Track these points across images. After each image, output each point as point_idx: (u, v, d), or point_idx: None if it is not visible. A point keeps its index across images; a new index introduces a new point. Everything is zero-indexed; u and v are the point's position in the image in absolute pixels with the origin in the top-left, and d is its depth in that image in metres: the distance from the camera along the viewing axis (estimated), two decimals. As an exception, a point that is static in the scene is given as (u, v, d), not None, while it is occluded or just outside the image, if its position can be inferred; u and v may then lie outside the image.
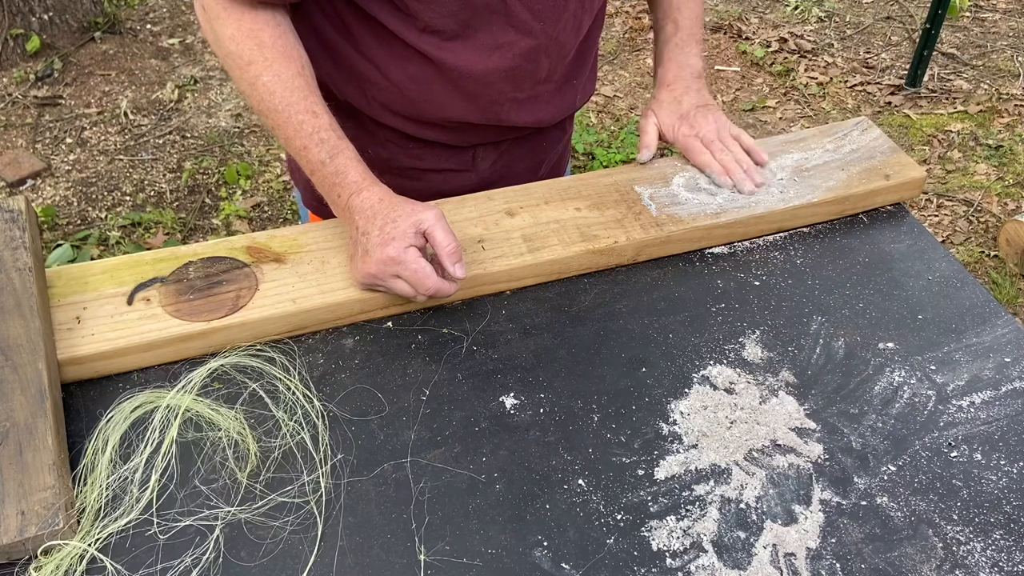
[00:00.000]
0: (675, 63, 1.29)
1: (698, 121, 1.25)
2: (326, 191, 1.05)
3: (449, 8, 1.05)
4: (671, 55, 1.30)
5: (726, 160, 1.22)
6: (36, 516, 0.79)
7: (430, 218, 0.99)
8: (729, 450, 0.93)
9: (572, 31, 1.16)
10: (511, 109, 1.19)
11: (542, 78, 1.18)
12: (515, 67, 1.13)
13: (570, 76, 1.24)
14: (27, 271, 0.97)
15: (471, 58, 1.10)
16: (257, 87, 1.03)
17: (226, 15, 1.03)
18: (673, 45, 1.30)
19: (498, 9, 1.07)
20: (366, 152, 1.21)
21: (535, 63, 1.15)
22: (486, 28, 1.09)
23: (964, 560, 0.84)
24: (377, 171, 1.08)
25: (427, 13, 1.05)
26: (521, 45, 1.11)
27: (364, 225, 1.00)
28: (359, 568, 0.81)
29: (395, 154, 1.24)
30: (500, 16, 1.08)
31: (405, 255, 0.98)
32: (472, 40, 1.09)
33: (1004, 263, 2.91)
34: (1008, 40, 4.01)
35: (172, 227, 2.94)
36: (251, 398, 0.95)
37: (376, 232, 0.99)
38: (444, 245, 0.99)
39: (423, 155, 1.25)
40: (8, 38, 3.55)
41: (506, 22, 1.09)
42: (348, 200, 1.02)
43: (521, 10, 1.08)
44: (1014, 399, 1.00)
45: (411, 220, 0.99)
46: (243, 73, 1.04)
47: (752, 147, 1.25)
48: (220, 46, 1.06)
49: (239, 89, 1.08)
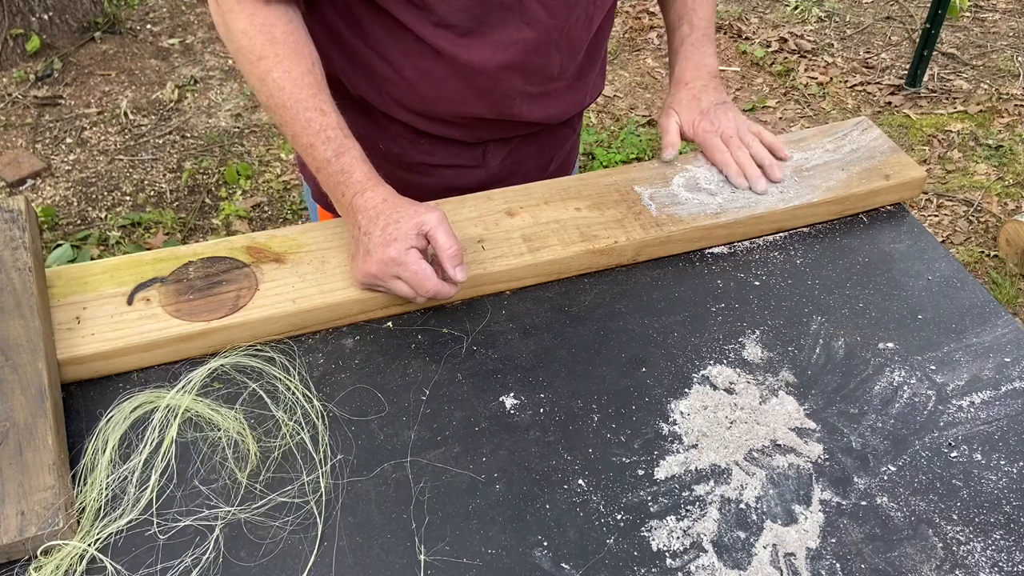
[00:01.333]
0: (692, 63, 1.31)
1: (718, 117, 1.26)
2: (330, 189, 1.06)
3: (463, 3, 1.06)
4: (688, 55, 1.31)
5: (742, 158, 1.23)
6: (36, 516, 0.79)
7: (432, 220, 1.00)
8: (729, 450, 0.93)
9: (583, 26, 1.17)
10: (523, 104, 1.19)
11: (554, 74, 1.19)
12: (526, 61, 1.14)
13: (581, 72, 1.25)
14: (27, 271, 0.97)
15: (484, 53, 1.11)
16: (267, 83, 1.04)
17: (239, 8, 1.03)
18: (689, 45, 1.31)
19: (512, 5, 1.08)
20: (377, 147, 1.21)
21: (546, 57, 1.15)
22: (500, 23, 1.09)
23: (964, 560, 0.84)
24: (388, 166, 1.08)
25: (442, 8, 1.06)
26: (532, 39, 1.12)
27: (366, 225, 1.01)
28: (359, 568, 0.81)
29: (406, 149, 1.25)
30: (514, 12, 1.09)
31: (406, 256, 0.98)
32: (486, 35, 1.10)
33: (1004, 263, 2.91)
34: (1008, 40, 4.01)
35: (172, 227, 2.94)
36: (251, 398, 0.95)
37: (378, 232, 0.99)
38: (445, 248, 0.99)
39: (434, 151, 1.25)
40: (8, 38, 3.55)
41: (519, 17, 1.09)
42: (352, 199, 1.03)
43: (534, 4, 1.09)
44: (1014, 399, 1.00)
45: (413, 221, 0.99)
46: (253, 68, 1.04)
47: (773, 143, 1.26)
48: (231, 40, 1.06)
49: (249, 83, 1.08)
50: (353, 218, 1.03)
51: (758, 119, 3.57)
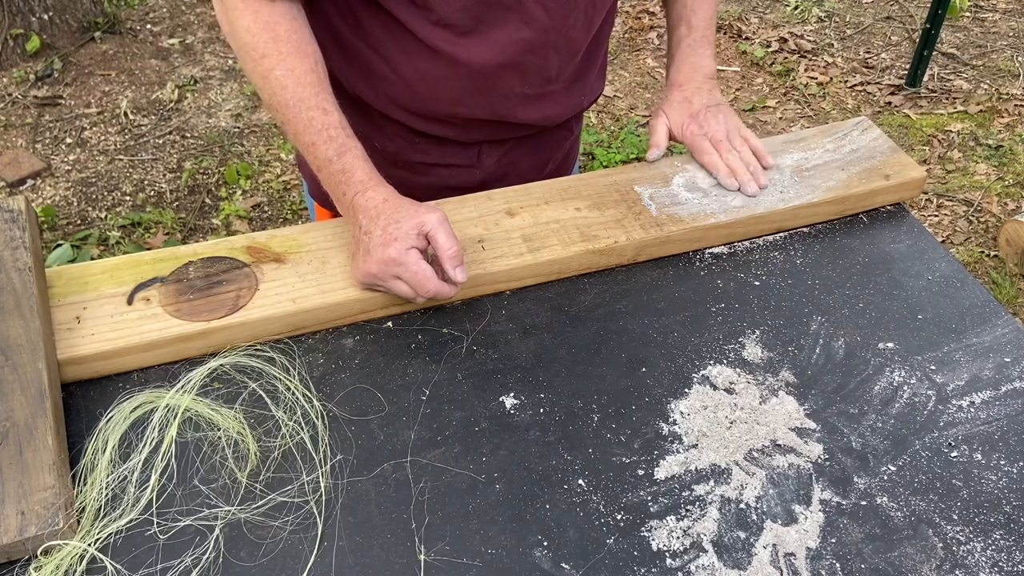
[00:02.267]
0: (688, 64, 1.30)
1: (708, 120, 1.25)
2: (331, 188, 1.06)
3: (464, 2, 1.06)
4: (684, 56, 1.31)
5: (733, 161, 1.22)
6: (36, 516, 0.79)
7: (433, 220, 0.99)
8: (729, 450, 0.93)
9: (582, 27, 1.17)
10: (519, 105, 1.19)
11: (552, 76, 1.19)
12: (524, 62, 1.14)
13: (579, 75, 1.25)
14: (27, 271, 0.97)
15: (482, 52, 1.11)
16: (270, 80, 1.04)
17: (243, 6, 1.03)
18: (686, 46, 1.31)
19: (512, 4, 1.08)
20: (373, 145, 1.21)
21: (544, 59, 1.15)
22: (499, 22, 1.09)
23: (964, 560, 0.84)
24: (384, 165, 1.08)
25: (442, 7, 1.06)
26: (530, 40, 1.12)
27: (367, 224, 1.01)
28: (359, 568, 0.81)
29: (402, 148, 1.25)
30: (514, 11, 1.09)
31: (406, 256, 0.98)
32: (484, 35, 1.10)
33: (1004, 263, 2.91)
34: (1008, 40, 4.01)
35: (172, 227, 2.94)
36: (251, 398, 0.95)
37: (379, 232, 0.99)
38: (446, 249, 0.99)
39: (430, 150, 1.25)
40: (8, 38, 3.55)
41: (519, 16, 1.10)
42: (353, 199, 1.03)
43: (533, 4, 1.09)
44: (1014, 399, 1.00)
45: (414, 221, 0.99)
46: (256, 66, 1.04)
47: (758, 149, 1.25)
48: (235, 37, 1.06)
49: (251, 81, 1.08)
50: (354, 217, 1.03)
51: (758, 119, 3.57)
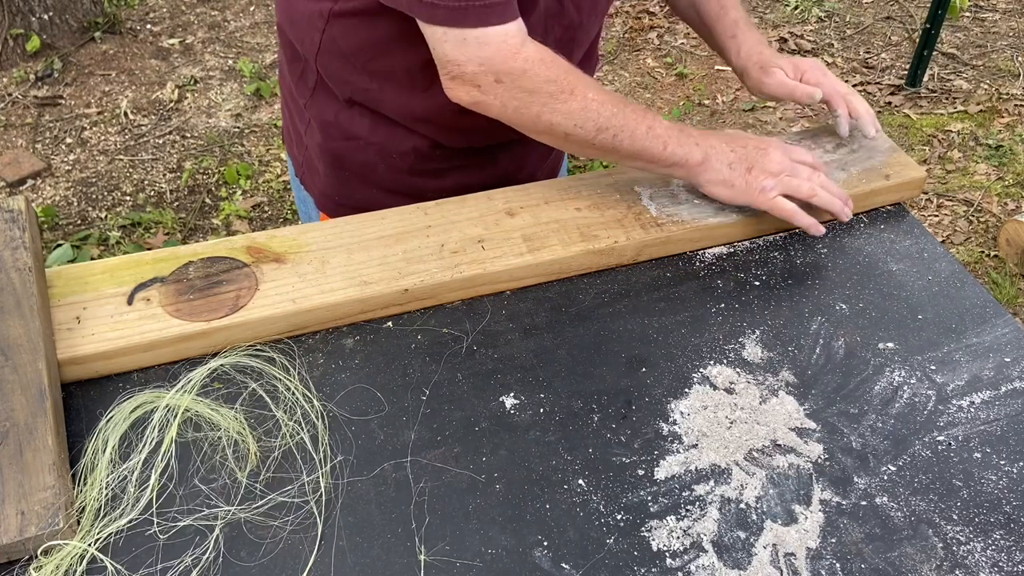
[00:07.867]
0: (752, 38, 1.30)
1: (799, 65, 1.27)
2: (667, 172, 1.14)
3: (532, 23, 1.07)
4: (746, 35, 1.31)
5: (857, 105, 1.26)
6: (36, 516, 0.79)
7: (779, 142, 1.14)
8: (729, 450, 0.93)
9: (596, 21, 1.20)
10: None
11: None
12: None
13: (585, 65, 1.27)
14: (27, 271, 0.97)
15: None
16: (589, 106, 1.04)
17: (530, 42, 1.03)
18: (745, 25, 1.31)
19: (555, 11, 1.10)
20: (390, 156, 1.22)
21: (569, 54, 1.17)
22: (539, 29, 1.11)
23: (964, 560, 0.84)
24: (399, 172, 1.07)
25: None
26: (560, 38, 1.14)
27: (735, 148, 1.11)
28: (359, 568, 0.81)
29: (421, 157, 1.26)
30: (554, 17, 1.11)
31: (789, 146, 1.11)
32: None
33: (1004, 263, 2.91)
34: (1008, 40, 4.01)
35: (172, 227, 2.94)
36: (251, 398, 0.95)
37: (752, 146, 1.11)
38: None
39: (447, 156, 1.27)
40: (8, 38, 3.55)
41: (558, 21, 1.12)
42: (706, 152, 1.10)
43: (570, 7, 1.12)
44: (1014, 399, 1.00)
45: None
46: (569, 97, 1.04)
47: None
48: (532, 76, 1.02)
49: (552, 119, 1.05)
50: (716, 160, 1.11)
51: (758, 119, 3.57)
